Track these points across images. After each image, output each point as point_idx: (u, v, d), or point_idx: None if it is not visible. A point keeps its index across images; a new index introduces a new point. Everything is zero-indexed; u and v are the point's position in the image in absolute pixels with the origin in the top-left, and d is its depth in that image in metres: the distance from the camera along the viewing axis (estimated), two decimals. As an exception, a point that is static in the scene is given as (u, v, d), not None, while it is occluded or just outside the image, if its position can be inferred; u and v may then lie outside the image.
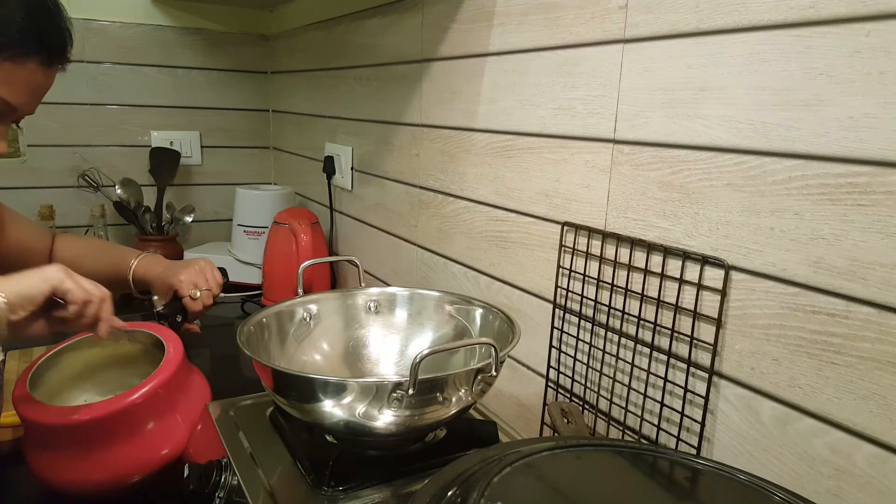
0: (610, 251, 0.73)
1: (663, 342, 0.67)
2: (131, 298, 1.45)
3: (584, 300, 0.77)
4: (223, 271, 1.00)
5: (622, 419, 0.72)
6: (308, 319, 0.84)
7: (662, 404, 0.67)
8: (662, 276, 0.67)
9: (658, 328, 0.68)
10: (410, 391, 0.58)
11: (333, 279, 1.51)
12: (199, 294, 0.93)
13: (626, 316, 0.72)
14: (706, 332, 0.63)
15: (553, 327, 0.82)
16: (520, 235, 0.88)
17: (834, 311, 0.53)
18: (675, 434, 0.66)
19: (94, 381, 0.83)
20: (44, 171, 1.60)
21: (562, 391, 0.81)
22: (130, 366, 0.83)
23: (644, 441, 0.70)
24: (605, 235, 0.73)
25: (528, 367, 0.88)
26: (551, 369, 0.83)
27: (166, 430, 0.73)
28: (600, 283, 0.75)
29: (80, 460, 0.70)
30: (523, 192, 0.86)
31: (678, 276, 0.65)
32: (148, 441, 0.72)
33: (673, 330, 0.66)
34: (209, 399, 0.81)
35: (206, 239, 1.76)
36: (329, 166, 1.43)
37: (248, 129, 1.81)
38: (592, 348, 0.76)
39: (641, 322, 0.70)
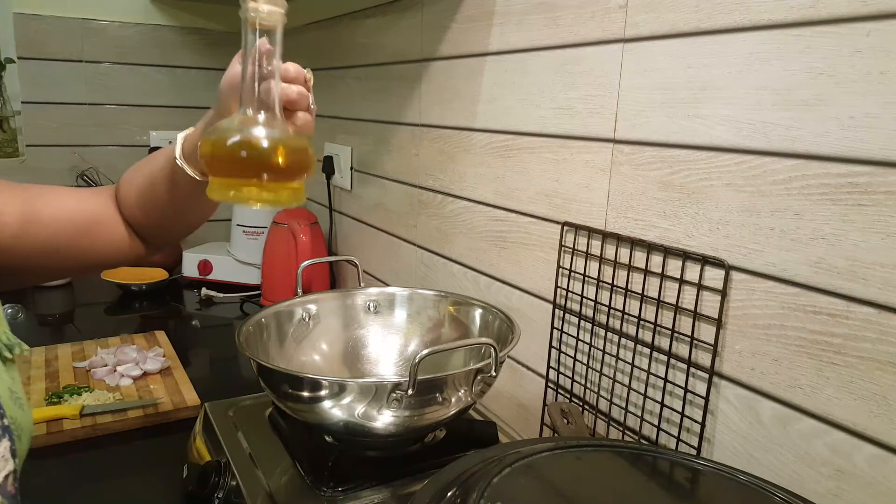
0: (610, 251, 0.73)
1: (663, 342, 0.67)
2: (130, 300, 1.45)
3: (584, 300, 0.77)
4: None
5: (622, 420, 0.72)
6: (307, 320, 0.84)
7: (662, 405, 0.67)
8: (662, 276, 0.67)
9: (658, 328, 0.68)
10: (410, 391, 0.58)
11: (332, 279, 1.50)
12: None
13: (626, 316, 0.71)
14: (706, 332, 0.63)
15: (553, 327, 0.82)
16: (520, 235, 0.88)
17: (834, 312, 0.53)
18: (676, 434, 0.66)
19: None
20: (42, 170, 1.59)
21: (562, 391, 0.81)
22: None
23: (644, 441, 0.70)
24: (605, 235, 0.73)
25: (528, 368, 0.88)
26: (551, 370, 0.82)
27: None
28: (600, 284, 0.75)
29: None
30: (523, 192, 0.86)
31: (678, 277, 0.65)
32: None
33: (673, 330, 0.66)
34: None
35: (205, 239, 1.76)
36: (328, 166, 1.43)
37: (247, 129, 1.81)
38: (592, 349, 0.76)
39: (641, 322, 0.70)
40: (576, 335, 0.78)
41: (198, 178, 0.61)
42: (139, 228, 0.68)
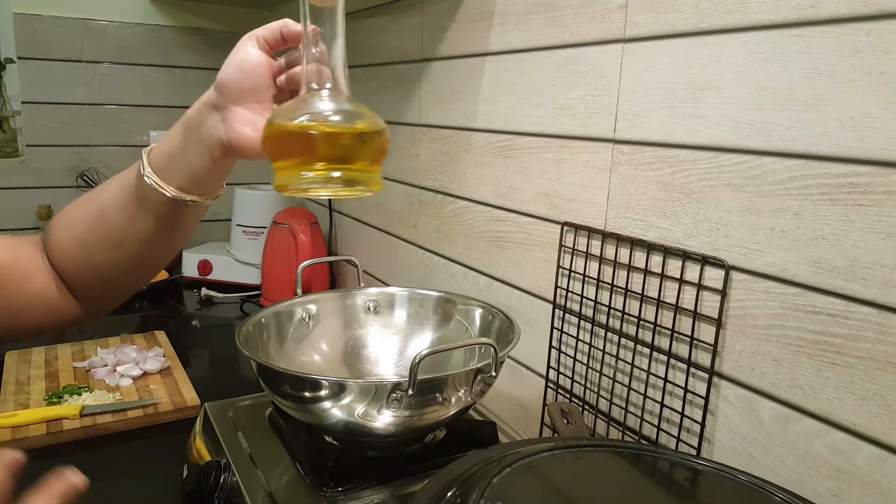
0: (610, 251, 0.73)
1: (663, 342, 0.67)
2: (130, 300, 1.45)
3: (584, 300, 0.77)
4: None
5: (622, 420, 0.72)
6: (307, 320, 0.84)
7: (662, 405, 0.67)
8: (662, 276, 0.67)
9: (658, 328, 0.68)
10: (410, 391, 0.58)
11: (332, 279, 1.50)
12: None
13: (625, 316, 0.71)
14: (706, 332, 0.63)
15: (553, 328, 0.82)
16: (519, 235, 0.88)
17: (834, 312, 0.53)
18: (675, 434, 0.66)
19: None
20: (42, 170, 1.59)
21: (561, 391, 0.81)
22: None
23: (644, 441, 0.70)
24: (605, 235, 0.73)
25: (528, 368, 0.88)
26: (551, 370, 0.82)
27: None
28: (600, 284, 0.75)
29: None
30: (523, 192, 0.86)
31: (678, 277, 0.65)
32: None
33: (673, 330, 0.66)
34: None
35: (205, 239, 1.76)
36: (328, 166, 1.43)
37: (247, 129, 1.81)
38: (592, 349, 0.76)
39: (641, 322, 0.70)
40: (576, 335, 0.78)
41: (170, 194, 0.52)
42: (76, 282, 0.57)
